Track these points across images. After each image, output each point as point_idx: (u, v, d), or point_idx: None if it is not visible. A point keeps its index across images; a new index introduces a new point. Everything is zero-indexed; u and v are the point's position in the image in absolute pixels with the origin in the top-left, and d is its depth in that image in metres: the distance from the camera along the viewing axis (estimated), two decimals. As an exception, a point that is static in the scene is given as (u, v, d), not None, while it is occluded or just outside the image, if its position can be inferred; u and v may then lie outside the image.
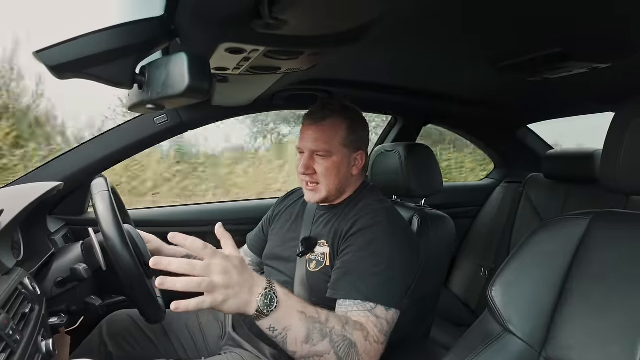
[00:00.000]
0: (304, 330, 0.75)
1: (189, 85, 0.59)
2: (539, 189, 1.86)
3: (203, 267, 0.67)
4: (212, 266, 0.68)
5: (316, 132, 1.02)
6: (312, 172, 1.03)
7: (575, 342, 0.62)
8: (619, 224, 0.68)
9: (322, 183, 1.03)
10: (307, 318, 0.77)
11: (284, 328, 0.75)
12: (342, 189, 1.06)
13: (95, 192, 0.92)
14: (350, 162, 1.05)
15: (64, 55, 0.58)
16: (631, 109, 0.69)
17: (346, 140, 1.03)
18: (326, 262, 1.00)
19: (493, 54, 1.04)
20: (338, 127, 1.02)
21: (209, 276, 0.67)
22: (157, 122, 1.34)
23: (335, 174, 1.03)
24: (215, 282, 0.67)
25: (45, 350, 0.74)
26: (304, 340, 0.75)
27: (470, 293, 1.98)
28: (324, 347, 0.77)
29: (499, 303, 0.72)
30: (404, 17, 0.79)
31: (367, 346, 0.81)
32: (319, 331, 0.77)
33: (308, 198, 1.07)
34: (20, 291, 0.76)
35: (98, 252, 0.93)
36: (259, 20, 0.62)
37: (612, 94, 1.39)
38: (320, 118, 1.02)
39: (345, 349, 0.78)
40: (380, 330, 0.84)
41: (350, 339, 0.79)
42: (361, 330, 0.82)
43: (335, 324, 0.79)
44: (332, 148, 1.01)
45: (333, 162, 1.02)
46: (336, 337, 0.78)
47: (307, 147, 1.03)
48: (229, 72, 0.90)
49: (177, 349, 1.12)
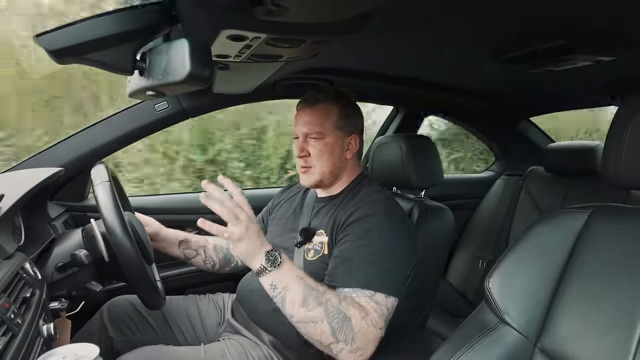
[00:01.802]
0: (301, 293, 0.81)
1: (190, 72, 0.59)
2: (539, 182, 1.86)
3: (234, 205, 0.80)
4: (240, 212, 0.80)
5: (309, 116, 1.05)
6: (306, 155, 1.05)
7: (571, 334, 0.63)
8: (619, 218, 0.68)
9: (315, 165, 1.05)
10: (305, 284, 0.83)
11: (284, 287, 0.82)
12: (336, 173, 1.07)
13: (96, 179, 0.92)
14: (343, 145, 1.07)
15: (65, 40, 0.58)
16: (634, 102, 0.68)
17: (338, 123, 1.05)
18: (324, 250, 1.01)
19: (497, 46, 1.03)
20: (330, 110, 1.05)
21: (238, 213, 0.80)
22: (158, 109, 1.34)
23: (328, 155, 1.04)
24: (242, 218, 0.79)
25: (46, 334, 0.75)
26: (301, 304, 0.81)
27: (467, 284, 1.99)
28: (319, 313, 0.81)
29: (496, 294, 0.72)
30: (406, 6, 0.78)
31: (364, 325, 0.82)
32: (314, 297, 0.82)
33: (303, 181, 1.09)
34: (21, 276, 0.77)
35: (100, 242, 0.94)
36: (260, 6, 0.61)
37: (615, 87, 1.38)
38: (312, 102, 1.05)
39: (339, 321, 0.81)
40: (380, 315, 0.86)
41: (345, 312, 0.82)
42: (359, 309, 0.84)
43: (332, 297, 0.84)
44: (324, 130, 1.04)
45: (325, 144, 1.04)
46: (331, 308, 0.82)
47: (301, 131, 1.06)
48: (231, 59, 0.89)
49: (176, 334, 1.13)
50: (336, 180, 1.09)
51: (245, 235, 0.79)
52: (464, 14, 0.84)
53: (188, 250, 1.24)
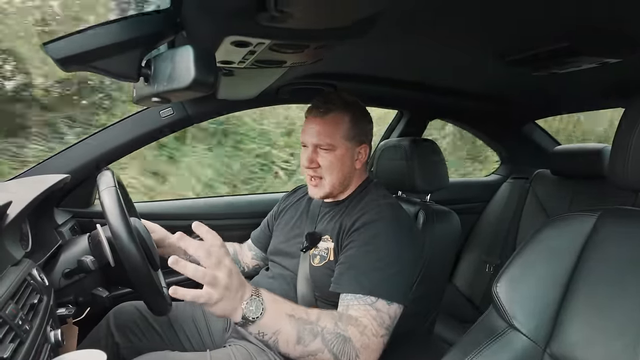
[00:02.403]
0: (295, 333, 0.77)
1: (194, 79, 0.59)
2: (545, 186, 1.85)
3: (214, 263, 0.71)
4: (221, 265, 0.72)
5: (319, 126, 1.02)
6: (315, 166, 1.03)
7: (580, 339, 0.62)
8: (628, 222, 0.67)
9: (325, 178, 1.03)
10: (296, 320, 0.78)
11: (274, 332, 0.77)
12: (345, 183, 1.07)
13: (101, 184, 0.93)
14: (353, 155, 1.05)
15: (71, 48, 0.58)
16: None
17: (349, 133, 1.03)
18: (330, 257, 1.00)
19: (501, 48, 1.03)
20: (341, 120, 1.02)
21: (216, 273, 0.71)
22: (163, 115, 1.35)
23: (339, 168, 1.03)
24: (220, 279, 0.71)
25: (53, 340, 0.75)
26: (296, 342, 0.77)
27: (474, 289, 1.98)
28: (317, 346, 0.78)
29: (503, 299, 0.71)
30: (410, 9, 0.78)
31: (365, 340, 0.82)
32: (309, 331, 0.78)
33: (312, 194, 1.08)
34: (29, 282, 0.77)
35: (106, 248, 0.94)
36: (264, 13, 0.62)
37: (622, 89, 1.37)
38: (322, 112, 1.02)
39: (339, 345, 0.79)
40: (380, 323, 0.85)
41: (343, 335, 0.80)
42: (356, 325, 0.82)
43: (327, 322, 0.80)
44: (335, 142, 1.01)
45: (336, 156, 1.02)
46: (328, 335, 0.79)
47: (311, 141, 1.03)
48: (235, 65, 0.90)
49: (182, 340, 1.13)
50: (346, 191, 1.09)
51: (227, 294, 0.72)
52: (468, 17, 0.83)
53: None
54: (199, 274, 0.69)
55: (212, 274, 0.70)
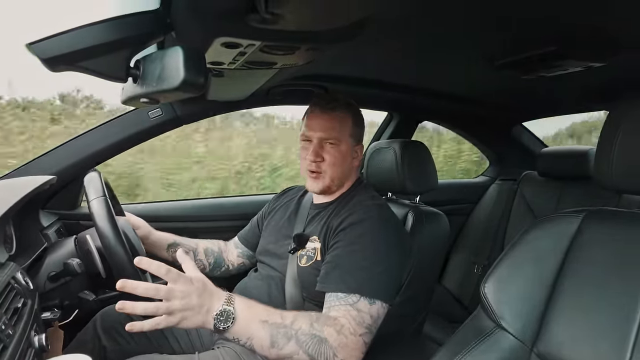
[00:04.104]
0: (268, 337, 0.79)
1: (184, 80, 0.58)
2: (533, 187, 1.88)
3: (166, 292, 0.72)
4: (174, 291, 0.73)
5: (327, 121, 1.04)
6: (320, 160, 1.05)
7: (566, 339, 0.63)
8: (611, 222, 0.68)
9: (327, 171, 1.05)
10: (269, 325, 0.80)
11: (247, 337, 0.80)
12: (342, 180, 1.09)
13: (89, 186, 0.92)
14: (352, 153, 1.08)
15: (58, 48, 0.57)
16: (624, 107, 0.69)
17: (352, 131, 1.06)
18: (317, 256, 1.00)
19: (490, 52, 1.04)
20: (346, 118, 1.06)
21: (170, 300, 0.72)
22: (152, 116, 1.33)
23: (340, 163, 1.05)
24: (174, 307, 0.73)
25: (37, 345, 0.74)
26: (270, 346, 0.79)
27: (463, 289, 1.99)
28: (291, 348, 0.80)
29: (491, 299, 0.72)
30: (400, 13, 0.78)
31: (342, 339, 0.82)
32: (283, 335, 0.80)
33: (311, 187, 1.09)
34: (13, 286, 0.76)
35: (97, 258, 0.93)
36: (255, 14, 0.61)
37: (606, 92, 1.40)
38: (330, 108, 1.05)
39: (314, 346, 0.80)
40: (358, 322, 0.85)
41: (319, 335, 0.81)
42: (333, 325, 0.83)
43: (303, 324, 0.82)
44: (341, 136, 1.04)
45: (340, 151, 1.05)
46: (303, 337, 0.80)
47: (317, 135, 1.05)
48: (225, 66, 0.89)
49: (171, 343, 1.12)
50: (340, 188, 1.10)
51: (188, 314, 0.74)
52: (457, 21, 0.84)
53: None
54: (151, 309, 0.71)
55: (166, 306, 0.72)
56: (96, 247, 0.95)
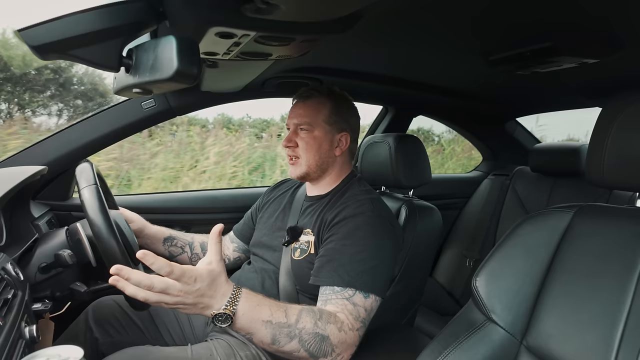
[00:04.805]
0: (269, 336, 0.78)
1: (177, 70, 0.58)
2: (525, 182, 1.89)
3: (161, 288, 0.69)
4: (169, 289, 0.70)
5: (301, 109, 1.08)
6: (293, 145, 1.07)
7: (555, 332, 0.64)
8: (601, 218, 0.69)
9: (302, 157, 1.07)
10: (272, 325, 0.78)
11: (247, 333, 0.78)
12: (323, 167, 1.08)
13: (81, 180, 0.91)
14: (333, 141, 1.08)
15: (48, 35, 0.56)
16: (616, 104, 0.70)
17: (329, 118, 1.06)
18: (310, 250, 1.01)
19: (485, 47, 1.04)
20: (322, 105, 1.07)
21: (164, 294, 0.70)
22: (145, 107, 1.32)
23: (315, 148, 1.06)
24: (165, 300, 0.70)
25: (28, 336, 0.73)
26: (270, 343, 0.79)
27: (455, 283, 2.01)
28: (293, 346, 0.79)
29: (482, 293, 0.73)
30: (396, 6, 0.78)
31: (342, 336, 0.83)
32: (286, 334, 0.79)
33: (290, 173, 1.10)
34: (3, 277, 0.75)
35: (87, 247, 0.93)
36: (250, 4, 0.61)
37: (599, 89, 1.41)
38: (307, 96, 1.08)
39: (316, 344, 0.80)
40: (355, 317, 0.86)
41: (322, 334, 0.81)
42: (334, 322, 0.83)
43: (307, 322, 0.81)
44: (313, 122, 1.06)
45: (314, 136, 1.06)
46: (306, 336, 0.80)
47: (292, 122, 1.08)
48: (219, 57, 0.88)
49: (164, 335, 1.12)
50: (324, 176, 1.10)
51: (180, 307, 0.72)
52: (453, 15, 0.84)
53: (173, 248, 1.22)
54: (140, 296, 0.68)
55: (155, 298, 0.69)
56: (87, 236, 0.94)
